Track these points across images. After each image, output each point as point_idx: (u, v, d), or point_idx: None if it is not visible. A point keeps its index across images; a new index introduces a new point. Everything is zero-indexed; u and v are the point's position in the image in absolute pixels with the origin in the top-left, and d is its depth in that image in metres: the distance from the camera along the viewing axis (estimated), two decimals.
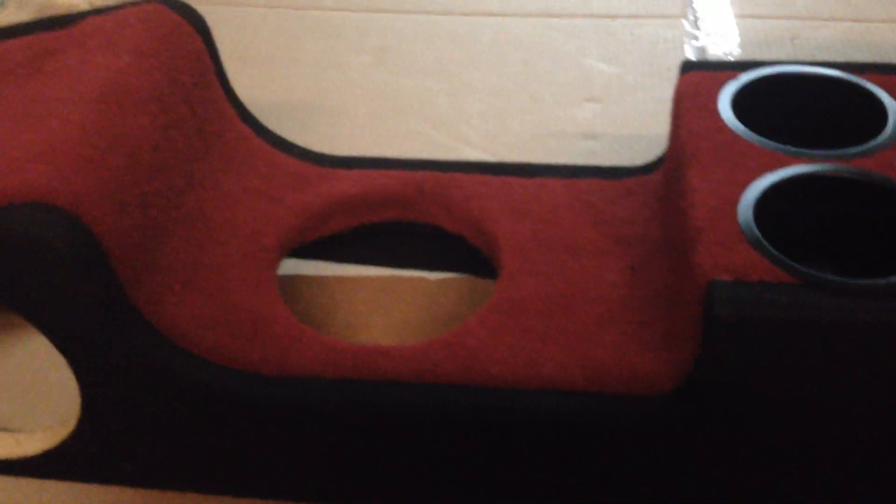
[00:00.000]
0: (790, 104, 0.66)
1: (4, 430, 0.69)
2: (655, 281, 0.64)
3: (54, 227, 0.52)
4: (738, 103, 0.65)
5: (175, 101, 0.64)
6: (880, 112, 0.63)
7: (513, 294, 0.65)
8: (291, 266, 0.79)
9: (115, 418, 0.61)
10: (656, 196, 0.71)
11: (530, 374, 0.59)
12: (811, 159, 0.60)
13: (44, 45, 0.66)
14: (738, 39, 1.10)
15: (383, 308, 0.81)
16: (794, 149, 0.60)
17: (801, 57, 1.07)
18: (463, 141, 0.99)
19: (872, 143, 0.60)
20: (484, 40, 1.14)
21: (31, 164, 0.54)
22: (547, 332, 0.62)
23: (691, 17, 1.14)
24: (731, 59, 1.08)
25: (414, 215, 0.74)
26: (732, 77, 0.67)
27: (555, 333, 0.62)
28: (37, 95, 0.61)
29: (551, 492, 0.62)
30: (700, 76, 0.68)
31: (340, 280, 0.82)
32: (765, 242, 0.54)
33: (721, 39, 1.11)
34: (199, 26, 0.70)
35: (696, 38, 1.11)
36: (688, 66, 0.69)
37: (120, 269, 0.55)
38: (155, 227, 0.60)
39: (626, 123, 1.01)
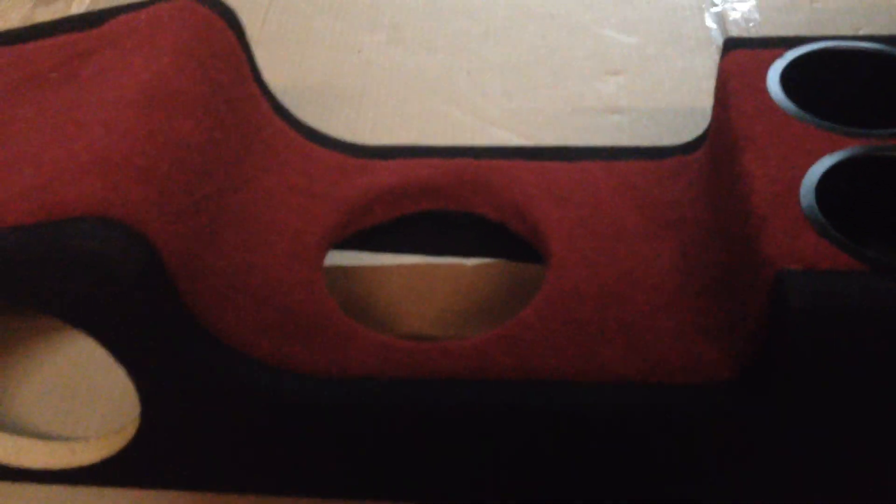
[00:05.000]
0: (841, 82, 0.65)
1: (54, 437, 0.69)
2: (709, 266, 0.64)
3: (113, 240, 0.51)
4: (787, 82, 0.64)
5: (216, 101, 0.63)
6: None
7: (564, 284, 0.64)
8: (326, 257, 0.79)
9: (174, 425, 0.60)
10: (701, 177, 0.70)
11: (590, 367, 0.59)
12: (868, 139, 0.59)
13: (76, 46, 0.64)
14: (756, 3, 1.09)
15: (421, 296, 0.80)
16: (850, 129, 0.60)
17: (821, 21, 1.06)
18: (488, 121, 0.98)
19: None
20: (498, 14, 1.13)
21: (83, 176, 0.53)
22: (603, 323, 0.61)
23: None
24: (752, 24, 1.06)
25: (454, 204, 0.73)
26: (779, 55, 0.66)
27: (611, 323, 0.61)
28: (77, 101, 0.59)
29: (614, 486, 0.62)
30: (745, 54, 0.67)
31: (375, 269, 0.81)
32: (831, 228, 0.53)
33: (740, 4, 1.10)
34: (231, 20, 0.68)
35: (714, 3, 1.10)
36: (731, 44, 0.68)
37: (177, 279, 0.54)
38: (206, 232, 0.59)
39: (650, 96, 1.00)
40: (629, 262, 0.65)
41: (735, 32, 1.06)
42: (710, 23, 1.08)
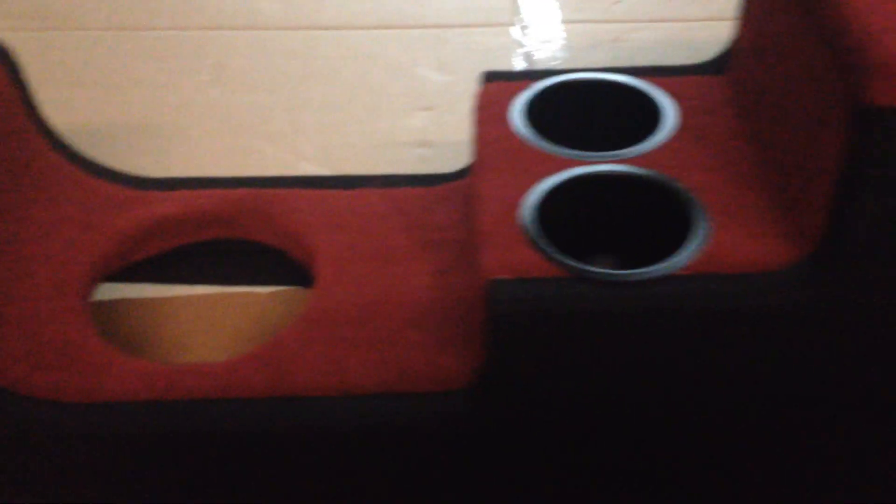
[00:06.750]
0: (580, 110, 0.70)
1: None
2: (461, 282, 0.67)
3: None
4: (533, 111, 0.69)
5: None
6: (657, 113, 0.68)
7: (325, 304, 0.67)
8: (118, 290, 0.80)
9: None
10: (465, 201, 0.74)
11: (338, 381, 0.62)
12: (591, 161, 0.64)
13: None
14: (562, 44, 1.15)
15: (211, 325, 0.82)
16: (576, 152, 0.64)
17: (621, 58, 1.13)
18: (300, 156, 1.01)
19: (646, 142, 0.65)
20: (320, 54, 1.16)
21: None
22: (357, 339, 0.64)
23: (520, 25, 1.19)
24: (557, 62, 1.12)
25: (234, 233, 0.75)
26: (527, 86, 0.71)
27: (365, 340, 0.64)
28: None
29: (364, 494, 0.64)
30: (498, 86, 0.71)
31: (167, 300, 0.82)
32: (542, 242, 0.57)
33: (547, 45, 1.16)
34: (3, 58, 0.70)
35: (523, 44, 1.16)
36: (488, 77, 0.72)
37: None
38: None
39: (457, 130, 1.04)
40: (390, 282, 0.68)
41: None
42: (520, 62, 1.14)
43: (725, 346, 0.55)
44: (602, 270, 0.55)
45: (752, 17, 0.65)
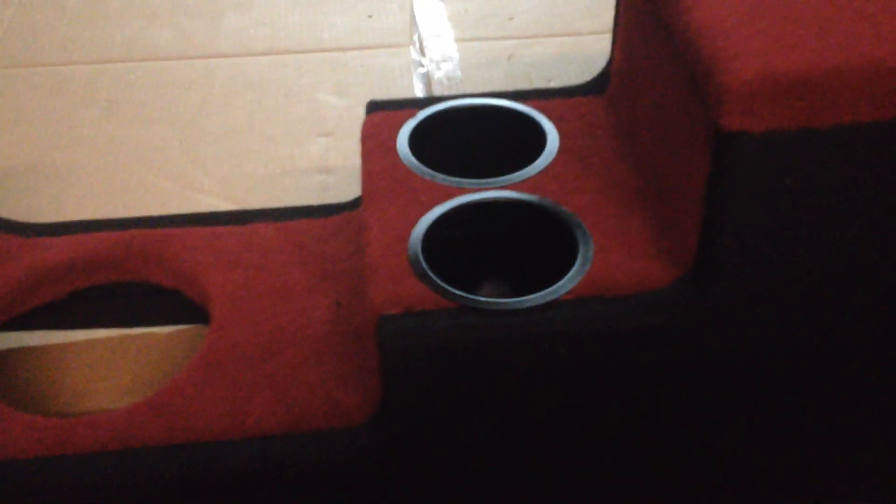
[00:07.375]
0: (465, 136, 0.71)
1: None
2: (359, 314, 0.68)
3: None
4: (419, 140, 0.70)
5: None
6: (542, 136, 0.69)
7: (222, 344, 0.66)
8: (12, 339, 0.78)
9: None
10: (359, 231, 0.74)
11: (237, 424, 0.61)
12: (476, 189, 0.64)
13: None
14: (459, 62, 1.17)
15: (112, 370, 0.80)
16: (461, 180, 0.65)
17: (517, 74, 1.15)
18: (198, 189, 1.00)
19: (530, 167, 0.66)
20: (217, 83, 1.15)
21: None
22: (255, 380, 0.64)
23: (417, 45, 1.20)
24: (454, 82, 1.14)
25: (127, 275, 0.74)
26: (411, 115, 0.71)
27: (263, 379, 0.64)
28: None
29: None
30: (383, 116, 0.72)
31: (65, 347, 0.80)
32: (429, 273, 0.58)
33: (444, 64, 1.17)
34: None
35: (421, 64, 1.17)
36: (372, 107, 0.73)
37: None
38: None
39: (357, 155, 1.04)
40: (287, 317, 0.68)
41: (439, 92, 1.13)
42: (418, 83, 1.15)
43: (612, 367, 0.57)
44: (487, 300, 0.56)
45: (624, 39, 0.67)
